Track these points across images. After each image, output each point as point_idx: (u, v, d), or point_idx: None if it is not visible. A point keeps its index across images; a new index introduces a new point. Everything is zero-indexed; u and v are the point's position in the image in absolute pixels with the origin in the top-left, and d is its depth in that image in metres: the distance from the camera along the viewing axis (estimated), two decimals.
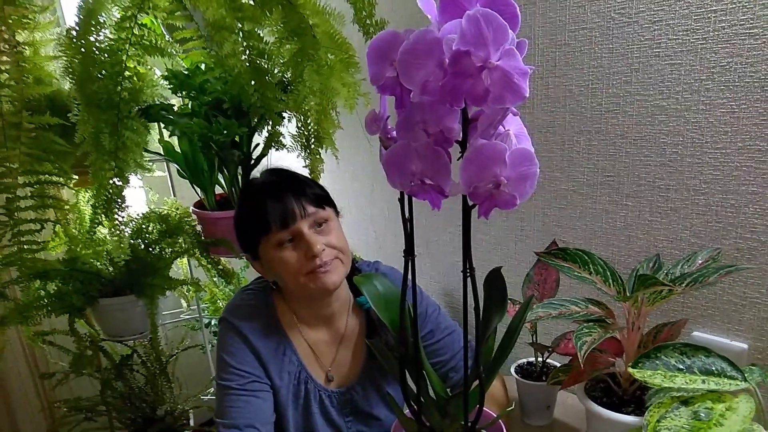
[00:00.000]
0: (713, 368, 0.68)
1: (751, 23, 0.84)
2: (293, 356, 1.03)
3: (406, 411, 0.74)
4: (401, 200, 0.59)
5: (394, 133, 0.58)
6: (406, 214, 0.60)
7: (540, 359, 1.12)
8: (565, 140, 1.11)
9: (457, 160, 0.52)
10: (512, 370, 1.12)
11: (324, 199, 0.98)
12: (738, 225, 0.92)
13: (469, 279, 0.59)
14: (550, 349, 1.07)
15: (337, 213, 1.01)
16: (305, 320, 1.04)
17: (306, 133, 1.13)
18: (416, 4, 0.50)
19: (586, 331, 0.80)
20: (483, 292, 0.65)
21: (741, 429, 0.60)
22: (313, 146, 1.14)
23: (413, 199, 0.56)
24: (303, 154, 1.16)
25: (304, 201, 0.94)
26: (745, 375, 0.67)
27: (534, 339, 1.09)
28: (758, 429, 0.61)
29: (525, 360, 1.15)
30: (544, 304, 0.89)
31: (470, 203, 0.55)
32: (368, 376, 1.07)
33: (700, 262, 0.89)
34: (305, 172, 1.14)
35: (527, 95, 0.47)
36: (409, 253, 0.62)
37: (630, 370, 0.71)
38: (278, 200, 0.93)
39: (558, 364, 1.04)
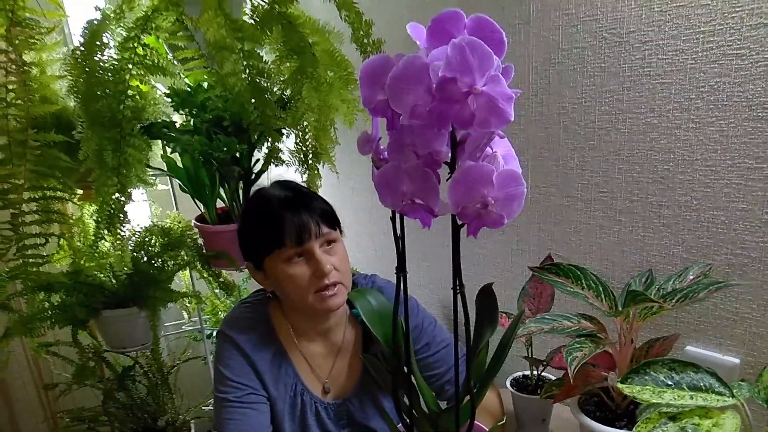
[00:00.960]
0: (701, 384, 0.69)
1: (739, 44, 0.86)
2: (289, 368, 1.04)
3: (400, 426, 0.75)
4: (393, 219, 0.61)
5: (386, 153, 0.60)
6: (398, 232, 0.62)
7: (535, 373, 1.13)
8: (559, 157, 1.13)
9: (446, 180, 0.54)
10: (507, 384, 1.12)
11: (334, 219, 1.00)
12: (729, 241, 0.93)
13: (459, 296, 0.61)
14: (545, 363, 1.08)
15: (341, 232, 1.03)
16: (302, 332, 1.06)
17: (304, 149, 1.16)
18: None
19: (577, 346, 0.81)
20: (475, 307, 0.66)
21: None
22: (311, 162, 1.16)
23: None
24: (300, 169, 1.18)
25: (318, 219, 0.95)
26: (734, 391, 0.68)
27: (529, 353, 1.10)
28: None
29: (520, 373, 1.16)
30: (536, 319, 0.90)
31: (459, 222, 0.56)
32: (365, 388, 1.08)
33: (691, 277, 0.90)
34: None
35: (512, 119, 0.48)
36: (401, 269, 0.64)
37: (619, 385, 0.71)
38: (295, 216, 0.94)
39: (553, 378, 1.05)
